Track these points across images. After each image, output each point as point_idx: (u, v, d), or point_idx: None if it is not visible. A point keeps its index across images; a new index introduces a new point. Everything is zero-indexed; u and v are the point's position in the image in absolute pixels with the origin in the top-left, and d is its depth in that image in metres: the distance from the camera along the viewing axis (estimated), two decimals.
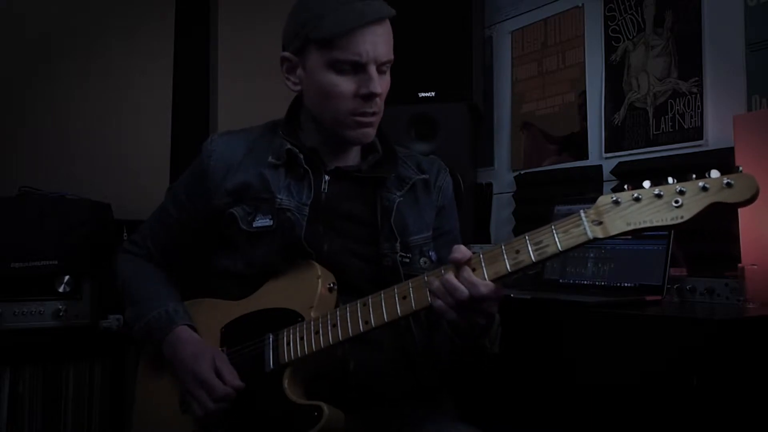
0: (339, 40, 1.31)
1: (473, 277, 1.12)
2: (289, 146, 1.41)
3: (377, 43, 1.33)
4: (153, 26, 2.70)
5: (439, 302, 1.14)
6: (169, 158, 2.70)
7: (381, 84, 1.36)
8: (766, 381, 1.34)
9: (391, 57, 1.38)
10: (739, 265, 1.56)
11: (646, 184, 1.04)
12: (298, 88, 1.43)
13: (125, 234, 2.08)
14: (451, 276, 1.13)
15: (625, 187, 1.06)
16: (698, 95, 2.07)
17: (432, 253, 1.44)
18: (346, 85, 1.34)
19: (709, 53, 2.05)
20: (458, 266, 1.14)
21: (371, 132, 1.40)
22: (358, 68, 1.33)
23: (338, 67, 1.33)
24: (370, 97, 1.34)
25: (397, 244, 1.38)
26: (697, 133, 2.06)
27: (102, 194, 2.17)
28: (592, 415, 1.48)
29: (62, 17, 2.53)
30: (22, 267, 1.92)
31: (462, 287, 1.11)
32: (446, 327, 1.26)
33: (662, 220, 1.02)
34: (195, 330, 1.42)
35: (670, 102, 2.14)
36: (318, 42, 1.34)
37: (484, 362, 1.38)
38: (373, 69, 1.33)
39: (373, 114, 1.37)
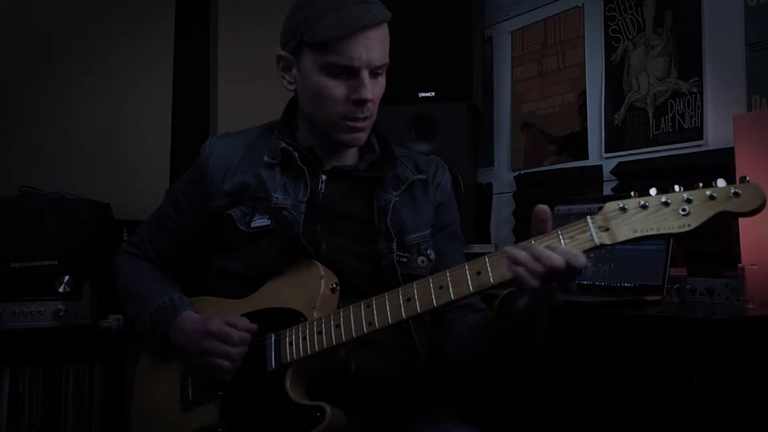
0: (332, 45, 1.31)
1: (566, 248, 1.07)
2: (284, 145, 1.41)
3: (371, 47, 1.32)
4: (153, 26, 2.70)
5: (524, 273, 1.07)
6: (169, 158, 2.70)
7: (374, 89, 1.35)
8: (766, 381, 1.34)
9: (386, 61, 1.37)
10: (739, 265, 1.56)
11: (653, 191, 1.05)
12: (293, 87, 1.43)
13: (125, 234, 2.08)
14: (541, 247, 1.07)
15: (632, 194, 1.06)
16: (698, 95, 2.07)
17: (430, 252, 1.43)
18: (338, 89, 1.34)
19: (709, 53, 2.05)
20: (538, 223, 1.11)
21: (363, 136, 1.41)
22: (350, 73, 1.33)
23: (331, 71, 1.33)
24: (362, 102, 1.34)
25: (394, 244, 1.38)
26: (697, 133, 2.07)
27: (102, 194, 2.17)
28: (592, 414, 1.48)
29: (62, 17, 2.53)
30: (22, 267, 1.92)
31: (557, 255, 1.05)
32: (489, 324, 1.25)
33: (669, 228, 1.03)
34: None
35: (670, 102, 2.14)
36: (312, 45, 1.33)
37: (523, 357, 1.36)
38: (365, 74, 1.33)
39: (365, 119, 1.37)
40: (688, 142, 2.09)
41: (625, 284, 1.74)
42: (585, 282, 1.82)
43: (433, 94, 2.51)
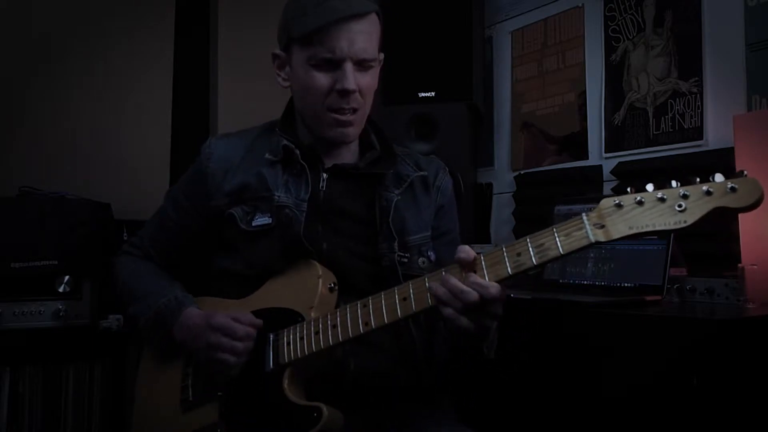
0: (315, 37, 1.32)
1: (480, 279, 1.11)
2: (285, 142, 1.42)
3: (354, 39, 1.33)
4: (153, 26, 2.70)
5: (448, 310, 1.12)
6: (169, 158, 2.69)
7: (361, 81, 1.36)
8: (766, 381, 1.34)
9: (373, 55, 1.37)
10: (739, 265, 1.56)
11: (649, 187, 1.04)
12: (287, 84, 1.44)
13: (125, 234, 2.08)
14: (456, 280, 1.12)
15: (628, 190, 1.05)
16: (698, 95, 2.07)
17: (431, 253, 1.43)
18: (322, 80, 1.35)
19: (709, 53, 2.05)
20: (463, 267, 1.13)
21: (352, 131, 1.40)
22: (334, 65, 1.34)
23: (315, 64, 1.35)
24: (345, 93, 1.34)
25: (395, 244, 1.38)
26: (697, 133, 2.06)
27: (102, 194, 2.17)
28: (592, 415, 1.48)
29: (62, 17, 2.53)
30: (22, 267, 1.91)
31: (470, 290, 1.10)
32: (447, 330, 1.25)
33: (665, 225, 1.01)
34: None
35: (670, 102, 2.14)
36: (298, 39, 1.35)
37: (479, 366, 1.39)
38: (348, 66, 1.33)
39: (352, 111, 1.37)
40: (688, 142, 2.09)
41: (625, 284, 1.73)
42: (585, 282, 1.82)
43: (433, 94, 2.52)
